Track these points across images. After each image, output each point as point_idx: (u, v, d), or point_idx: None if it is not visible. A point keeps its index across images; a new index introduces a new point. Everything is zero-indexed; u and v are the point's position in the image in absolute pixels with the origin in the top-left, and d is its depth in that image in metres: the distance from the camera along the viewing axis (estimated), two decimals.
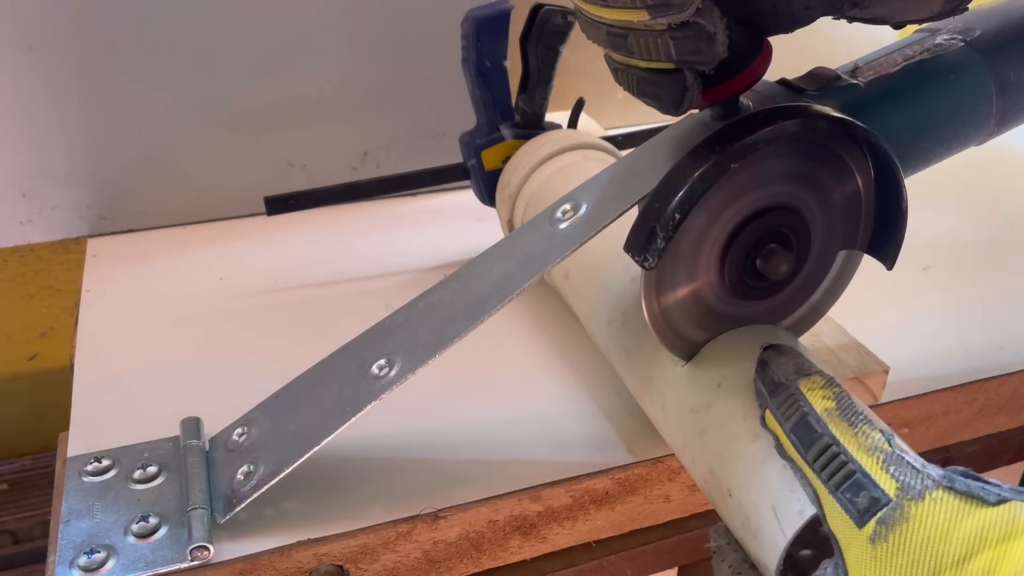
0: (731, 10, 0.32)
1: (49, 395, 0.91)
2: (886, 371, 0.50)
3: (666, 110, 0.36)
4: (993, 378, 0.54)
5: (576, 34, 0.60)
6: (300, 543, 0.41)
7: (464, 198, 0.76)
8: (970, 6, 0.36)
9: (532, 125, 0.63)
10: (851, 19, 0.35)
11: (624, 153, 0.62)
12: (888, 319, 0.58)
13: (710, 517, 0.45)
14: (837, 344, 0.52)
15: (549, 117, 0.64)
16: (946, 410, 0.54)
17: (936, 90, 0.43)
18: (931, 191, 0.46)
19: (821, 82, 0.42)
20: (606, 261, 0.49)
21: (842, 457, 0.30)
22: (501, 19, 0.58)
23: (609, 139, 0.70)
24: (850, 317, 0.49)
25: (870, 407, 0.51)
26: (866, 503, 0.29)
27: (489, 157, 0.63)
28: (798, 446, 0.32)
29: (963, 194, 0.75)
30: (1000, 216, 0.75)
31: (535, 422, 0.49)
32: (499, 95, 0.61)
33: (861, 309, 0.47)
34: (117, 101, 0.68)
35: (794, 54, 0.37)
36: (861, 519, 0.29)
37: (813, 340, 0.51)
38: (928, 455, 0.53)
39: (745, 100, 0.39)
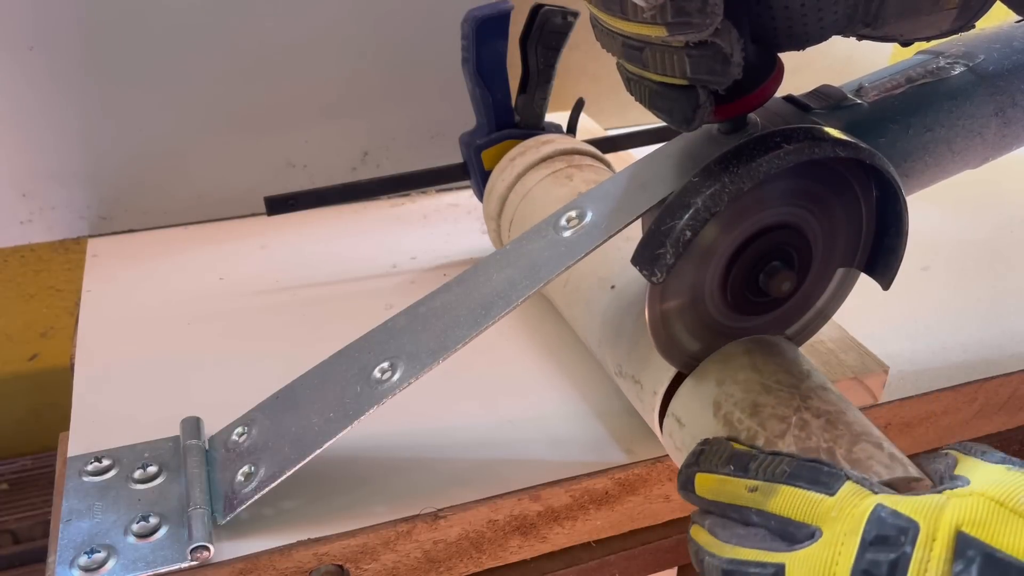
0: (746, 29, 0.32)
1: (49, 395, 0.91)
2: (886, 371, 0.50)
3: (677, 125, 0.35)
4: (993, 378, 0.54)
5: (576, 34, 0.60)
6: (300, 543, 0.41)
7: (464, 198, 0.76)
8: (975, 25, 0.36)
9: (532, 125, 0.63)
10: (861, 37, 0.35)
11: (611, 156, 0.62)
12: (888, 319, 0.58)
13: None
14: (837, 344, 0.52)
15: (549, 117, 0.64)
16: (946, 410, 0.54)
17: (939, 114, 0.43)
18: (931, 190, 0.46)
19: (827, 101, 0.42)
20: (601, 269, 0.49)
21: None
22: (501, 19, 0.58)
23: (609, 139, 0.70)
24: (850, 317, 0.49)
25: (870, 407, 0.51)
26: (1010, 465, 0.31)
27: (489, 157, 0.63)
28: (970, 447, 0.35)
29: (963, 194, 0.75)
30: (1000, 216, 0.75)
31: (535, 422, 0.50)
32: (499, 95, 0.61)
33: (861, 309, 0.47)
34: (117, 101, 0.68)
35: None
36: (1001, 463, 0.31)
37: (813, 340, 0.51)
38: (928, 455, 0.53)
39: (753, 115, 0.39)
